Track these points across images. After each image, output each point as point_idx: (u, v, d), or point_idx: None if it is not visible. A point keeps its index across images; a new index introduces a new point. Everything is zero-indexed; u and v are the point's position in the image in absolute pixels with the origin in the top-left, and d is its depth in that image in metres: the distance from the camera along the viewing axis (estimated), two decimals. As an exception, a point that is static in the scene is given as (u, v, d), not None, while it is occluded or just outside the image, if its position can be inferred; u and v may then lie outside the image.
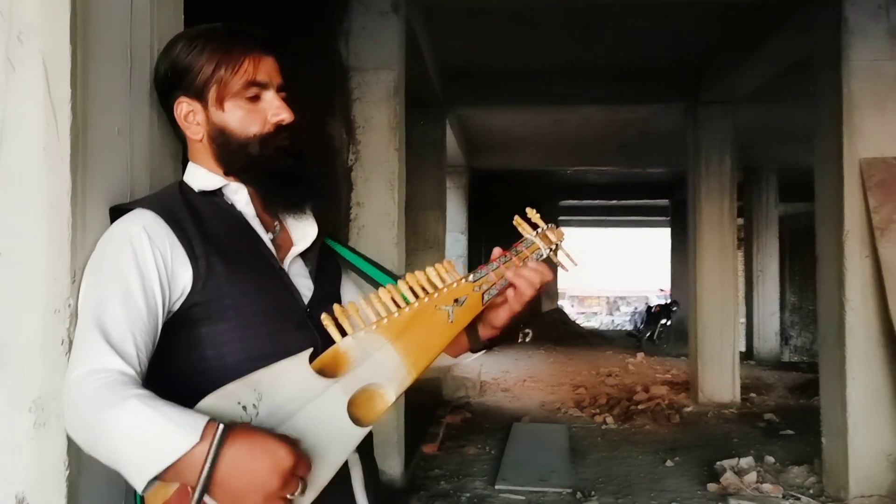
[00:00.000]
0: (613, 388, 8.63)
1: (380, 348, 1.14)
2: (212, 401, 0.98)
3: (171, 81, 1.25)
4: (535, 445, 5.80)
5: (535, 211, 1.49)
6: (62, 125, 1.13)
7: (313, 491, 1.00)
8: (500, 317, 1.34)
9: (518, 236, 1.44)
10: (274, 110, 1.24)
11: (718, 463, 5.13)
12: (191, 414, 0.92)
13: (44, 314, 1.13)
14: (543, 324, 14.30)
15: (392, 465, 4.47)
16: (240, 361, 1.13)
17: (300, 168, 1.27)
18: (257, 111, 1.24)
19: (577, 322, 18.47)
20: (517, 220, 1.46)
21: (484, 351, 1.42)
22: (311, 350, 1.09)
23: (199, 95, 1.23)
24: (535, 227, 1.46)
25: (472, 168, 11.17)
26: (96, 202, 1.20)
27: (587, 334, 15.05)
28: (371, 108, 4.47)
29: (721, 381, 7.55)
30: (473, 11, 5.68)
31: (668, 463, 5.40)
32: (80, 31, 1.17)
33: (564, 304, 31.41)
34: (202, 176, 1.26)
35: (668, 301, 15.08)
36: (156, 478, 0.89)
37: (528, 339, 7.53)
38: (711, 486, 4.79)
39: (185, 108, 1.24)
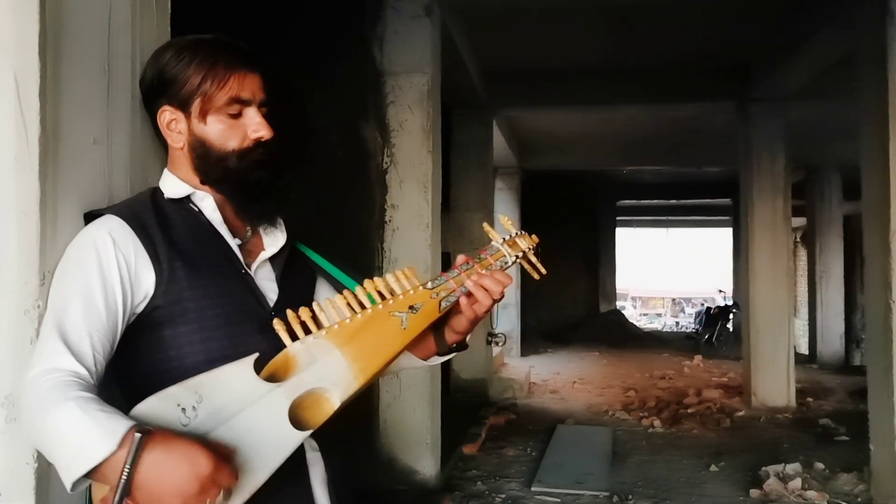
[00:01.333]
0: (665, 391, 8.50)
1: (327, 353, 1.16)
2: (152, 403, 1.02)
3: (156, 89, 1.29)
4: (577, 448, 5.77)
5: (507, 218, 1.50)
6: (31, 136, 1.20)
7: (246, 491, 1.03)
8: (461, 323, 1.35)
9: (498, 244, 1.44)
10: (254, 126, 1.28)
11: (763, 468, 5.01)
12: (119, 420, 0.95)
13: (15, 315, 1.20)
14: (598, 325, 14.16)
15: (425, 465, 4.50)
16: (199, 363, 1.17)
17: (274, 181, 1.30)
18: (238, 126, 1.27)
19: (636, 323, 18.22)
20: (486, 226, 1.47)
21: (453, 354, 1.44)
22: (256, 355, 1.12)
23: (183, 106, 1.27)
24: (507, 234, 1.47)
25: (523, 169, 11.12)
26: (69, 208, 1.27)
27: (644, 336, 14.83)
28: (405, 111, 4.52)
29: (775, 385, 7.36)
30: (512, 13, 5.67)
31: (713, 468, 5.29)
32: (51, 46, 1.23)
33: (626, 306, 31.00)
34: (172, 184, 1.31)
35: (729, 302, 14.74)
36: (86, 476, 0.94)
37: (501, 345, 7.45)
38: (754, 492, 4.68)
39: (167, 117, 1.28)
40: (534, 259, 1.47)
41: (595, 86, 7.31)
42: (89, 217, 1.26)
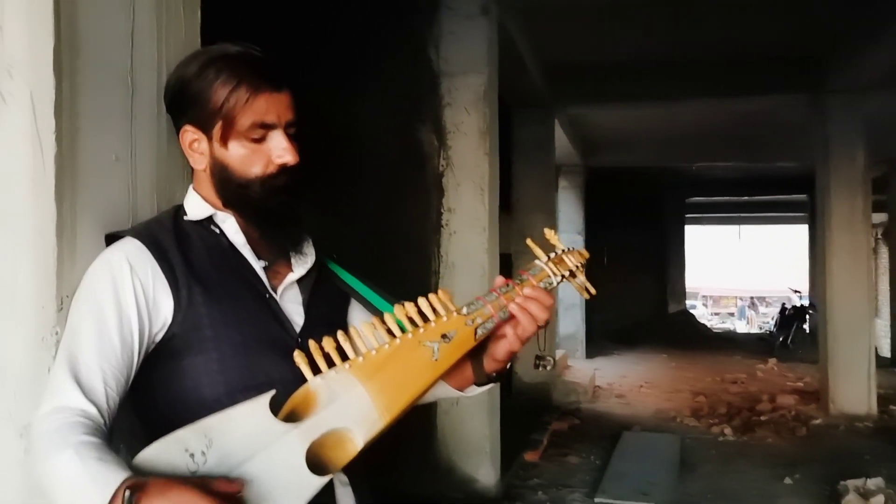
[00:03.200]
0: (736, 396, 8.18)
1: (349, 389, 1.06)
2: (158, 448, 0.95)
3: (178, 107, 1.22)
4: (643, 456, 5.57)
5: (553, 233, 1.37)
6: (47, 155, 1.15)
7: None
8: (501, 350, 1.24)
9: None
10: (279, 152, 1.19)
11: (842, 482, 4.74)
12: (114, 472, 0.90)
13: (32, 342, 1.15)
14: (666, 326, 13.80)
15: (485, 473, 4.41)
16: (219, 394, 1.11)
17: (292, 208, 1.22)
18: (261, 152, 1.19)
19: (707, 324, 17.69)
20: (529, 242, 1.36)
21: (491, 385, 1.32)
22: (272, 393, 1.03)
23: (205, 128, 1.19)
24: (552, 250, 1.35)
25: (587, 167, 10.91)
26: (88, 229, 1.22)
27: (714, 338, 14.37)
28: (461, 112, 4.42)
29: (855, 392, 7.00)
30: (573, 8, 5.52)
31: (787, 480, 5.04)
32: (67, 63, 1.18)
33: (696, 305, 30.22)
34: (195, 203, 1.24)
35: (805, 303, 14.18)
36: None
37: (549, 368, 7.27)
38: (831, 509, 4.44)
39: (189, 137, 1.21)
40: (583, 278, 1.35)
41: (660, 80, 7.06)
42: (111, 238, 1.20)
